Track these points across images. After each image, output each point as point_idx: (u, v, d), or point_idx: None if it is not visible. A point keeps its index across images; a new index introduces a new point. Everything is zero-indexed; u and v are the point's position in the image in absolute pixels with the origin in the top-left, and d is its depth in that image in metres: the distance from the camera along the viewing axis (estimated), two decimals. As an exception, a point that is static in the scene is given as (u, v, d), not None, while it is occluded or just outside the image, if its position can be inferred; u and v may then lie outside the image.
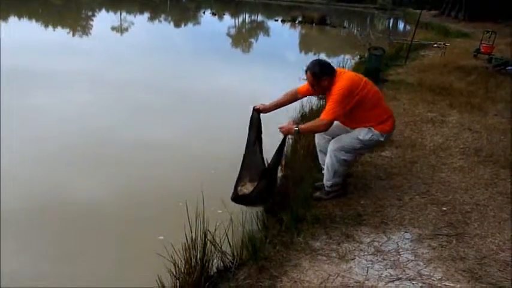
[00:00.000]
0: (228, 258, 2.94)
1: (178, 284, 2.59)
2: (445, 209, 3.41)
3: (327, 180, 3.51)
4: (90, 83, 7.71)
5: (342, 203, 3.47)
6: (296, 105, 4.46)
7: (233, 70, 10.30)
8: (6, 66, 7.99)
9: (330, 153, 3.40)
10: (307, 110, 5.94)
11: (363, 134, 3.37)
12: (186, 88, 7.97)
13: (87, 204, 3.85)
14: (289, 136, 3.89)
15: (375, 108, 3.40)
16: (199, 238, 2.77)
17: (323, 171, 3.62)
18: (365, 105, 3.32)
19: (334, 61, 8.53)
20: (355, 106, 3.29)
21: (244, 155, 3.53)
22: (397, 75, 8.98)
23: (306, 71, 3.39)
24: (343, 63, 8.39)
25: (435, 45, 13.20)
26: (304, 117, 5.66)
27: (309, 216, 3.28)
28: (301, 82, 7.20)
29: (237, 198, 3.37)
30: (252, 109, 3.59)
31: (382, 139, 3.45)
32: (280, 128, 3.36)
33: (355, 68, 8.97)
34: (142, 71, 9.36)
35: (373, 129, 3.37)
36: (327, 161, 3.44)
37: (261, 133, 3.54)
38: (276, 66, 11.05)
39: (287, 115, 4.68)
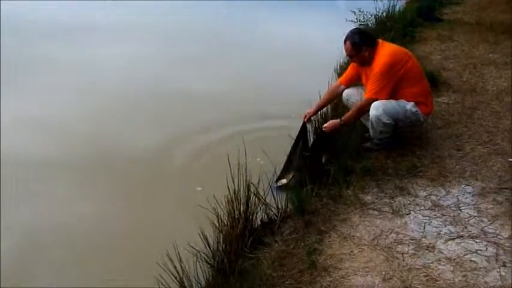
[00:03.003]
0: (272, 211, 2.81)
1: (221, 238, 2.48)
2: (511, 160, 3.08)
3: (374, 136, 3.25)
4: (135, 35, 7.51)
5: (395, 153, 3.21)
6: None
7: (277, 16, 9.76)
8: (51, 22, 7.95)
9: (373, 118, 3.07)
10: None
11: (410, 105, 3.09)
12: (230, 36, 7.62)
13: (133, 155, 3.81)
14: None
15: (417, 85, 3.14)
16: (242, 190, 2.63)
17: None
18: (407, 81, 3.07)
19: (384, 2, 7.91)
20: (397, 83, 3.03)
21: (288, 155, 3.36)
22: (454, 13, 8.20)
23: (345, 41, 3.12)
24: (393, 3, 7.72)
25: (497, -20, 11.98)
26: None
27: (358, 168, 3.06)
28: (347, 24, 6.81)
29: (277, 187, 3.21)
30: (303, 120, 3.40)
31: (422, 120, 3.20)
32: (325, 128, 3.17)
33: (407, 7, 8.27)
34: (186, 21, 9.02)
35: (417, 106, 3.11)
36: (371, 124, 3.13)
37: (307, 136, 3.43)
38: (321, 11, 10.40)
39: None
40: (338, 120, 3.14)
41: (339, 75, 5.17)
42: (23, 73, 5.35)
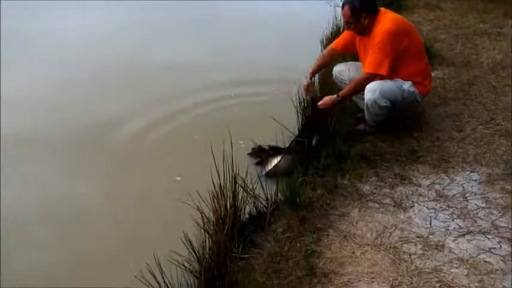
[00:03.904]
0: (261, 203, 2.56)
1: (207, 240, 2.20)
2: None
3: (369, 119, 2.98)
4: (111, 5, 6.95)
5: (392, 136, 2.96)
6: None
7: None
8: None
9: (368, 101, 2.80)
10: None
11: (407, 85, 2.82)
12: (210, 6, 7.13)
13: (107, 134, 3.55)
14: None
15: (417, 62, 2.87)
16: (228, 183, 2.35)
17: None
18: (407, 57, 2.79)
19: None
20: (398, 56, 2.74)
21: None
22: (438, -20, 7.92)
23: (343, 6, 2.80)
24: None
25: None
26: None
27: (353, 153, 2.81)
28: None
29: (265, 175, 2.95)
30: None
31: (419, 100, 2.94)
32: (321, 105, 2.87)
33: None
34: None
35: (414, 86, 2.84)
36: (367, 107, 2.87)
37: None
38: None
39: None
40: (335, 95, 2.86)
41: (325, 47, 4.88)
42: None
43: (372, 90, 2.75)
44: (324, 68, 3.24)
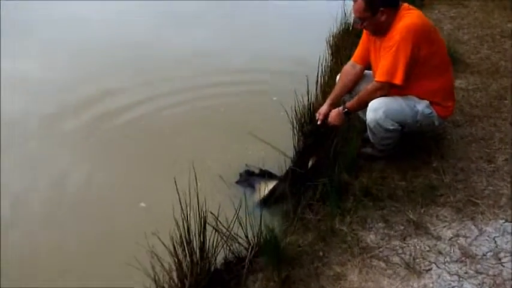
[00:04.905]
0: (242, 246, 2.03)
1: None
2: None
3: (375, 142, 2.43)
4: None
5: (406, 165, 2.41)
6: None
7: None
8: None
9: (371, 123, 2.26)
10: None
11: (422, 105, 2.26)
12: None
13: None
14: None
15: (440, 76, 2.29)
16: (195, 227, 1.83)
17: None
18: (429, 68, 2.21)
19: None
20: (416, 66, 2.16)
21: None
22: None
23: None
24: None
25: None
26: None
27: (357, 186, 2.27)
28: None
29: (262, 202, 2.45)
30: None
31: (436, 124, 2.36)
32: (330, 122, 2.37)
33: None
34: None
35: (431, 106, 2.27)
36: (369, 129, 2.33)
37: None
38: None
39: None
40: (341, 107, 2.33)
41: (331, 46, 4.30)
42: (11, 33, 4.84)
43: (374, 109, 2.20)
44: (348, 89, 2.50)
